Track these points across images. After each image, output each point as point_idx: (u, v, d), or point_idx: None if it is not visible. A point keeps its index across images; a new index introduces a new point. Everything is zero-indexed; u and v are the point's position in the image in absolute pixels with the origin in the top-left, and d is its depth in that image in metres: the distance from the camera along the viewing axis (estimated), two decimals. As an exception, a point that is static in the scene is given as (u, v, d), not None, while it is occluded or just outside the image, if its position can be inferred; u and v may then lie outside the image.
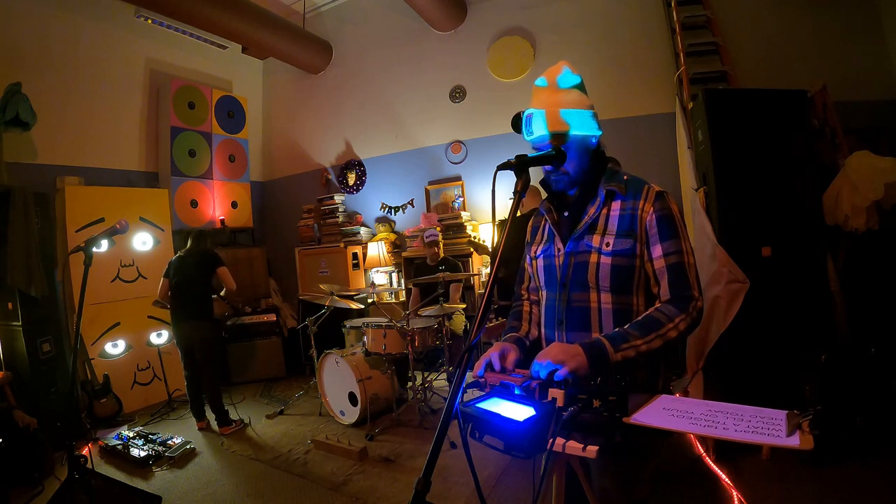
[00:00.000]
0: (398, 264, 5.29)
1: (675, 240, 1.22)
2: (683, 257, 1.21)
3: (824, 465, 2.39)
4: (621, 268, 1.24)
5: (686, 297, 1.19)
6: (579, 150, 1.28)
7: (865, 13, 3.73)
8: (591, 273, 1.26)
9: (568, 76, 1.29)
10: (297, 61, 5.77)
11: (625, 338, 1.14)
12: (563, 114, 1.24)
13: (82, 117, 4.56)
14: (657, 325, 1.15)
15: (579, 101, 1.27)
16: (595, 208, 1.28)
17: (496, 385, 1.15)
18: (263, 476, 2.96)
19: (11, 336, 3.44)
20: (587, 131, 1.27)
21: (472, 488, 2.47)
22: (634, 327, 1.17)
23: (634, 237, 1.23)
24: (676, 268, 1.21)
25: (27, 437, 2.86)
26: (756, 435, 0.89)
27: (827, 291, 2.81)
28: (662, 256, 1.22)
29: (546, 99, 1.27)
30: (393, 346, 3.50)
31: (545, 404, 1.03)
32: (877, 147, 2.99)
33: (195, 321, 3.65)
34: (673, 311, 1.17)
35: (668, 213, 1.23)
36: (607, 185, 1.28)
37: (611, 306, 1.26)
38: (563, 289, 1.31)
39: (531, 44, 4.74)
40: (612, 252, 1.24)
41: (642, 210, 1.24)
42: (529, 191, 3.60)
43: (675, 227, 1.22)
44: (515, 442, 0.98)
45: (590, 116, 1.28)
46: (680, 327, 1.16)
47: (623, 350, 1.12)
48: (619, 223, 1.25)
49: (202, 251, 3.80)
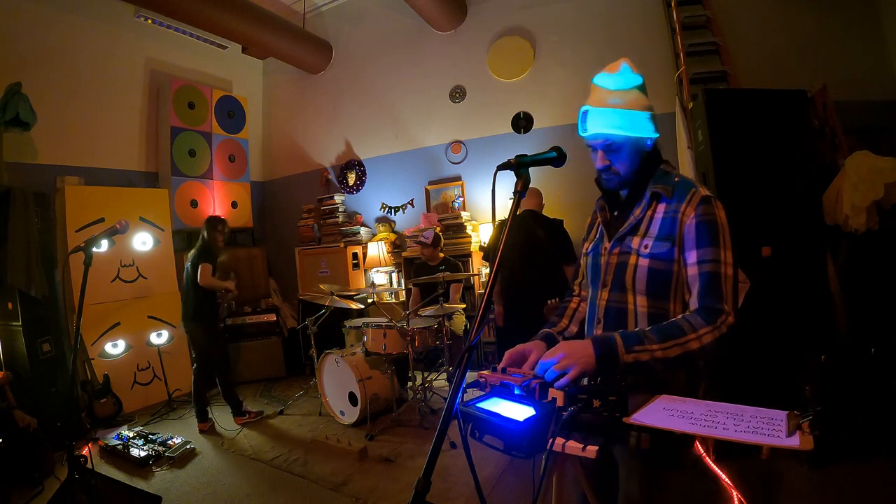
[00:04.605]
0: (398, 264, 5.29)
1: (712, 248, 1.16)
2: (720, 267, 1.15)
3: (824, 465, 2.39)
4: (658, 271, 1.21)
5: (716, 311, 1.12)
6: (631, 152, 1.26)
7: (865, 13, 3.73)
8: (629, 275, 1.25)
9: (627, 75, 1.26)
10: (297, 61, 5.76)
11: (640, 340, 1.09)
12: (618, 114, 1.22)
13: (82, 117, 4.56)
14: (678, 333, 1.10)
15: (636, 101, 1.24)
16: (640, 210, 1.26)
17: (496, 385, 1.15)
18: (263, 476, 2.96)
19: (11, 336, 3.43)
20: (641, 133, 1.24)
21: (472, 488, 2.47)
22: (654, 331, 1.11)
23: (673, 241, 1.20)
24: (709, 277, 1.15)
25: (27, 437, 2.85)
26: (756, 435, 0.89)
27: (827, 291, 2.81)
28: (696, 263, 1.17)
29: (602, 97, 1.25)
30: (393, 346, 3.50)
31: (545, 404, 1.03)
32: (877, 147, 2.99)
33: (188, 322, 3.74)
34: (699, 321, 1.11)
35: (710, 220, 1.18)
36: (654, 186, 1.26)
37: (646, 310, 1.24)
38: (603, 288, 1.31)
39: (531, 44, 4.74)
40: (649, 255, 1.22)
41: (683, 213, 1.20)
42: (529, 191, 3.61)
43: (715, 235, 1.17)
44: (515, 442, 0.98)
45: (646, 118, 1.25)
46: (703, 340, 1.09)
47: (636, 352, 1.07)
48: (661, 226, 1.22)
49: (196, 250, 3.76)
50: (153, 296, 4.60)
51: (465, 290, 4.60)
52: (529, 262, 3.38)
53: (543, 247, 3.42)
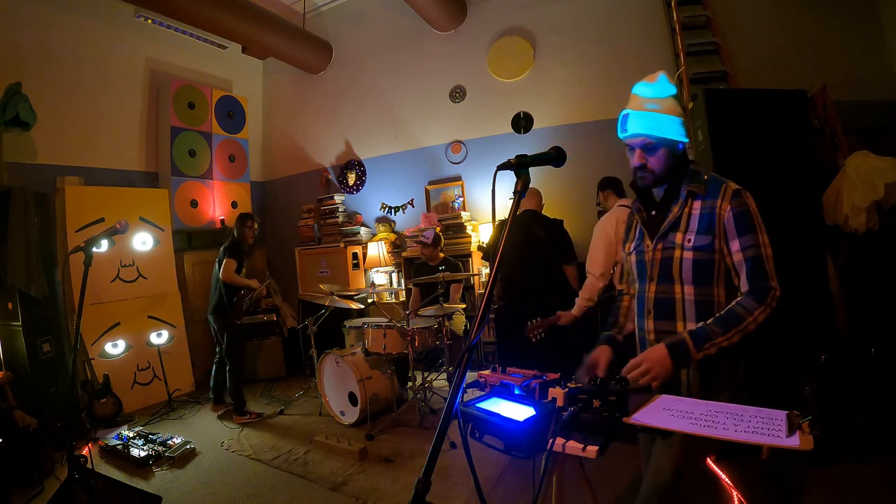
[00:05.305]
0: (398, 264, 5.29)
1: (752, 234, 1.31)
2: (761, 250, 1.31)
3: (824, 465, 2.39)
4: (702, 262, 1.35)
5: (765, 289, 1.28)
6: (665, 152, 1.39)
7: (865, 13, 3.73)
8: (676, 267, 1.38)
9: (664, 85, 1.40)
10: (297, 61, 5.76)
11: (707, 336, 1.25)
12: (655, 117, 1.37)
13: (82, 117, 4.56)
14: (738, 321, 1.26)
15: (671, 108, 1.38)
16: (678, 208, 1.40)
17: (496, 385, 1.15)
18: (263, 476, 2.96)
19: (11, 336, 3.43)
20: (674, 136, 1.38)
21: (472, 488, 2.47)
22: (717, 323, 1.27)
23: (713, 233, 1.34)
24: (755, 260, 1.30)
25: (27, 437, 2.85)
26: (756, 435, 0.89)
27: (827, 291, 2.81)
28: (741, 250, 1.32)
29: (641, 103, 1.40)
30: (393, 346, 3.50)
31: (545, 404, 1.03)
32: (877, 147, 2.99)
33: (210, 313, 3.98)
34: (752, 304, 1.27)
35: (744, 210, 1.33)
36: (688, 185, 1.39)
37: (693, 297, 1.38)
38: (650, 281, 1.45)
39: (531, 44, 4.74)
40: (693, 247, 1.36)
41: (720, 208, 1.34)
42: (529, 191, 3.60)
43: (751, 222, 1.32)
44: (515, 442, 0.98)
45: (679, 124, 1.38)
46: (759, 319, 1.26)
47: (705, 349, 1.24)
48: (700, 221, 1.36)
49: (225, 245, 3.98)
50: (153, 296, 4.60)
51: (465, 290, 4.60)
52: (529, 262, 3.38)
53: (543, 247, 3.43)
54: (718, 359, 1.29)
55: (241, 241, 3.96)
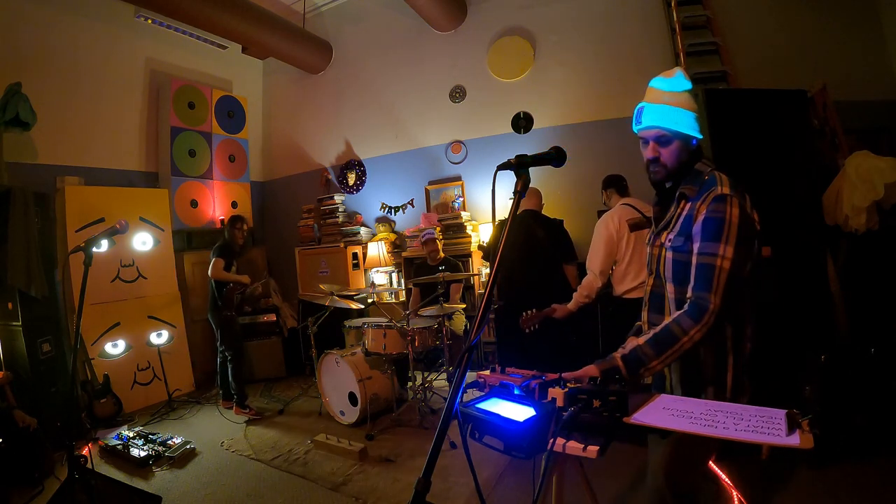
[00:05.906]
0: (398, 264, 5.29)
1: (714, 241, 1.24)
2: (717, 260, 1.23)
3: (824, 465, 2.39)
4: (679, 262, 1.35)
5: (703, 305, 1.22)
6: (678, 146, 1.38)
7: (865, 13, 3.73)
8: (662, 265, 1.41)
9: (680, 80, 1.39)
10: (297, 61, 5.76)
11: (640, 361, 1.23)
12: (671, 110, 1.36)
13: (82, 117, 4.55)
14: (672, 341, 1.23)
15: (686, 103, 1.37)
16: (674, 207, 1.42)
17: (496, 385, 1.15)
18: (263, 476, 2.96)
19: (11, 336, 3.43)
20: (688, 131, 1.37)
21: (472, 488, 2.47)
22: (652, 344, 1.24)
23: (687, 236, 1.33)
24: (706, 269, 1.24)
25: (27, 437, 2.85)
26: (756, 434, 0.89)
27: (827, 291, 2.81)
28: (697, 254, 1.28)
29: (657, 96, 1.40)
30: (393, 346, 3.50)
31: (545, 404, 1.03)
32: (877, 147, 2.99)
33: (208, 313, 4.12)
34: (688, 322, 1.22)
35: (717, 217, 1.26)
36: (682, 187, 1.39)
37: (674, 295, 1.37)
38: (650, 275, 1.49)
39: (531, 44, 4.74)
40: (671, 247, 1.37)
41: (697, 210, 1.31)
42: (529, 191, 3.60)
43: (719, 230, 1.24)
44: (515, 442, 0.98)
45: (693, 118, 1.37)
46: (695, 338, 1.22)
47: (639, 374, 1.23)
48: (683, 222, 1.36)
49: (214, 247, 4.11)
50: (153, 296, 4.60)
51: (465, 290, 4.60)
52: (529, 262, 3.38)
53: (543, 247, 3.42)
54: (699, 353, 1.29)
55: (231, 241, 4.13)
